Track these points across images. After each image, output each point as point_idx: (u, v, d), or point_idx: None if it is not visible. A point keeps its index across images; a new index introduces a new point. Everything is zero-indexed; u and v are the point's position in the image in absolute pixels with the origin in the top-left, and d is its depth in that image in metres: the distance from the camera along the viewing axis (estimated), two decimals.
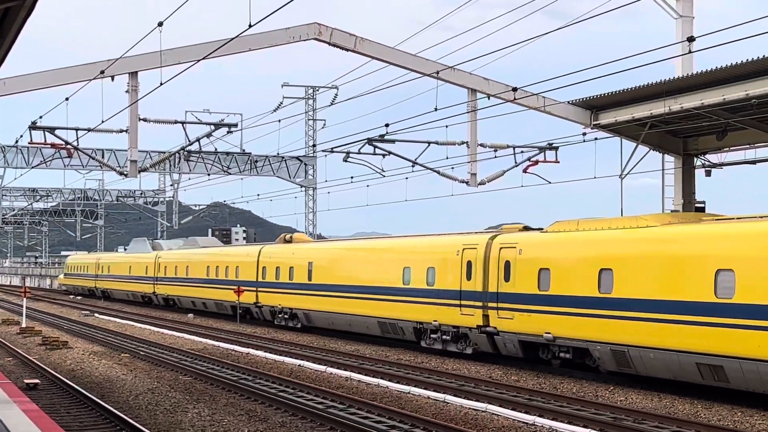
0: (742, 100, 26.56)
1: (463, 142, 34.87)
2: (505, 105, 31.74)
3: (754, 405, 19.57)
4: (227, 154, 55.38)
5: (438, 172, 35.98)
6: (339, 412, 18.47)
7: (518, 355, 26.25)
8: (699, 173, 34.28)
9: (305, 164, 61.99)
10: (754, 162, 33.46)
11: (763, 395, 19.44)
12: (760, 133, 30.62)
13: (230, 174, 56.87)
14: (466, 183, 35.44)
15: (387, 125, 32.94)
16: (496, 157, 35.36)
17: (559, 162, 35.69)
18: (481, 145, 35.10)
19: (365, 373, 25.40)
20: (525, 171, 35.56)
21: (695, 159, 34.04)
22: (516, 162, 35.58)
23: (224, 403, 20.12)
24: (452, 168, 35.73)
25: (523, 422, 17.72)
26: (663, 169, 34.23)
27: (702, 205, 33.93)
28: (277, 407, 19.50)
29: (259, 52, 33.30)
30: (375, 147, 35.10)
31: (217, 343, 34.75)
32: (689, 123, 30.49)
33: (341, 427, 16.85)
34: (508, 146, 35.78)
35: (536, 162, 35.34)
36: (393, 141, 34.75)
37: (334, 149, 36.35)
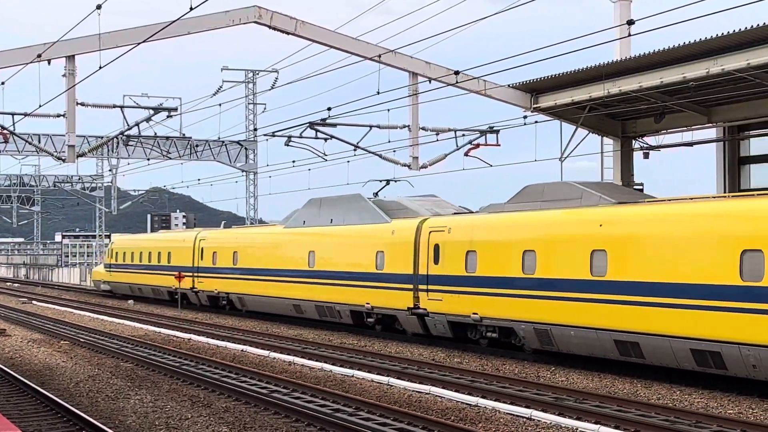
0: (679, 83, 26.90)
1: (404, 126, 34.87)
2: (446, 89, 31.80)
3: (692, 384, 19.90)
4: (167, 138, 54.81)
5: (380, 156, 35.96)
6: (283, 396, 18.44)
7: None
8: (637, 155, 34.69)
9: (246, 149, 61.61)
10: (690, 144, 33.92)
11: (694, 372, 19.78)
12: (697, 116, 31.06)
13: (170, 159, 56.33)
14: (408, 166, 35.46)
15: (329, 109, 32.85)
16: (437, 140, 35.42)
17: (500, 145, 35.83)
18: (423, 128, 35.12)
19: (308, 357, 25.38)
20: (466, 154, 35.66)
21: (633, 141, 34.42)
22: (457, 145, 35.65)
23: (167, 390, 19.98)
24: (394, 152, 35.73)
25: (466, 404, 17.85)
26: (602, 152, 34.58)
27: (640, 187, 34.36)
28: (220, 392, 19.41)
29: (199, 35, 32.97)
30: (316, 131, 34.97)
31: (158, 329, 34.47)
32: (628, 106, 30.82)
33: (285, 412, 16.83)
34: (449, 130, 35.85)
35: (477, 145, 35.46)
36: (335, 125, 34.64)
37: (275, 133, 36.15)
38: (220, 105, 46.16)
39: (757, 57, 24.36)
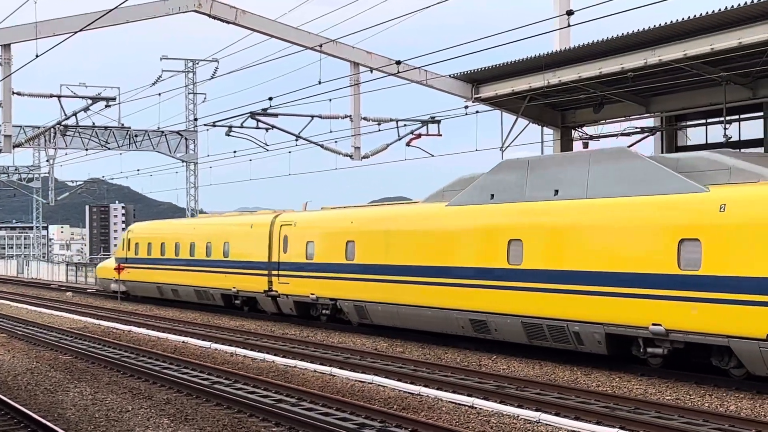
0: (617, 73, 27.19)
1: (346, 116, 34.86)
2: (388, 79, 31.83)
3: (631, 371, 20.16)
4: (105, 128, 54.12)
5: (322, 146, 35.92)
6: (225, 387, 18.35)
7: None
8: (577, 145, 35.02)
9: (186, 139, 61.07)
10: (629, 134, 34.33)
11: (636, 360, 20.04)
12: (635, 106, 31.43)
13: (108, 149, 55.61)
14: (350, 156, 35.47)
15: (270, 99, 32.72)
16: (379, 130, 35.47)
17: (441, 135, 36.01)
18: (365, 118, 35.15)
19: (251, 348, 25.28)
20: (408, 144, 35.78)
21: (573, 131, 34.75)
22: (399, 135, 35.76)
23: (106, 382, 19.78)
24: (336, 142, 35.73)
25: (409, 393, 17.90)
26: (542, 142, 34.87)
27: None
28: (161, 384, 19.25)
29: (139, 24, 32.61)
30: (258, 121, 34.82)
31: (97, 322, 34.10)
32: (567, 96, 31.10)
33: (227, 403, 16.74)
34: (391, 120, 35.92)
35: (419, 135, 35.59)
36: (276, 115, 34.54)
37: (216, 123, 35.94)
38: (159, 95, 45.65)
39: (693, 47, 24.71)
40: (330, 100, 33.04)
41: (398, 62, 28.22)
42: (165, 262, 41.45)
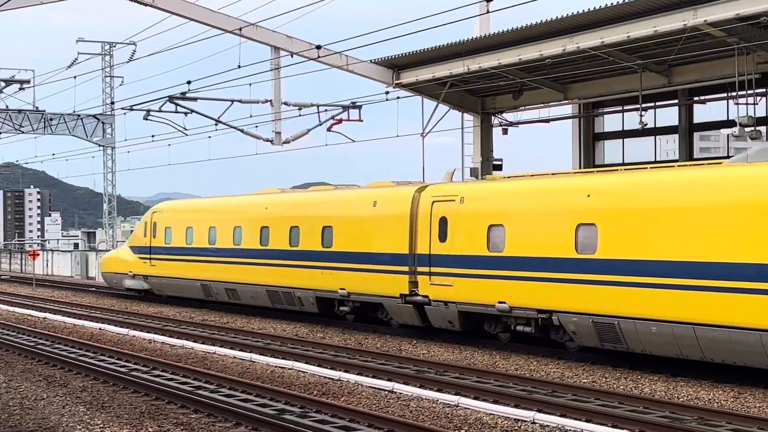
0: (536, 60, 27.44)
1: (266, 101, 34.61)
2: (309, 63, 31.66)
3: (548, 355, 20.41)
4: (19, 111, 53.01)
5: (242, 131, 35.62)
6: (142, 374, 18.12)
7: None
8: (497, 131, 35.31)
9: (103, 123, 60.09)
10: (547, 120, 34.70)
11: (554, 344, 20.30)
12: (554, 93, 31.77)
13: (23, 133, 54.47)
14: (271, 142, 35.24)
15: (189, 82, 32.32)
16: (300, 115, 35.31)
17: (362, 121, 35.97)
18: (285, 103, 34.94)
19: (169, 334, 25.01)
20: (329, 129, 35.68)
21: (493, 117, 35.00)
22: (320, 121, 35.64)
23: (21, 370, 19.40)
24: (256, 127, 35.46)
25: (329, 378, 17.89)
26: (462, 128, 35.06)
27: (499, 162, 35.01)
28: (77, 372, 18.95)
29: (54, 5, 31.93)
30: (176, 105, 34.41)
31: (11, 309, 33.42)
32: (487, 82, 31.29)
33: (145, 390, 16.54)
34: (312, 105, 35.77)
35: (340, 121, 35.51)
36: (195, 99, 34.15)
37: (134, 107, 35.41)
38: (75, 77, 44.76)
39: (610, 35, 25.03)
40: (250, 84, 32.76)
41: (318, 47, 28.09)
42: (217, 253, 31.27)
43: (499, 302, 21.06)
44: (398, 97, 32.50)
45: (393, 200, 24.61)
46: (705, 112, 32.04)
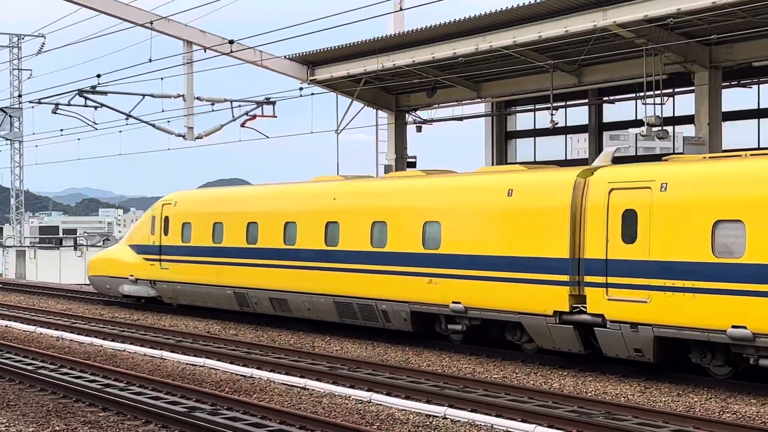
0: (450, 58, 27.66)
1: (179, 95, 34.21)
2: (222, 58, 31.40)
3: (460, 351, 20.57)
4: None
5: (153, 126, 35.14)
6: (50, 372, 17.78)
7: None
8: (411, 129, 35.48)
9: (10, 116, 58.78)
10: (461, 118, 35.00)
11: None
12: (467, 91, 32.04)
13: None
14: (183, 137, 34.85)
15: (99, 76, 31.81)
16: (213, 110, 34.98)
17: (276, 117, 35.76)
18: (198, 98, 34.56)
19: (78, 332, 24.58)
20: (243, 125, 35.42)
21: (407, 115, 35.16)
22: (233, 116, 35.34)
23: None
24: (168, 121, 35.02)
25: (242, 375, 17.78)
26: (377, 125, 35.16)
27: (413, 160, 35.20)
28: None
29: None
30: (86, 99, 33.79)
31: None
32: (401, 80, 31.43)
33: (52, 388, 16.24)
34: (225, 100, 35.45)
35: (254, 116, 35.26)
36: (105, 93, 33.57)
37: (42, 100, 34.70)
38: None
39: (522, 35, 25.35)
40: (162, 78, 32.35)
41: (231, 42, 27.88)
42: (259, 255, 25.50)
43: (735, 326, 15.47)
44: (312, 94, 32.43)
45: (540, 188, 18.96)
46: (614, 111, 32.67)
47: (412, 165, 35.18)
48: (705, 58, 24.82)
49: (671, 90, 27.05)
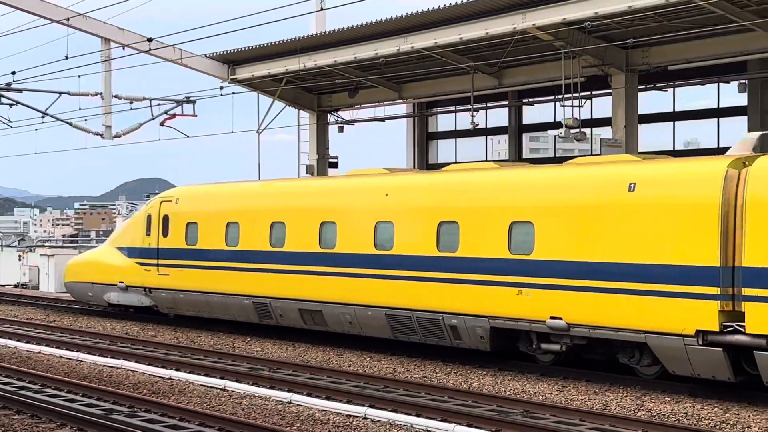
0: (371, 59, 27.70)
1: (96, 93, 33.70)
2: (141, 56, 31.01)
3: (381, 350, 20.61)
4: None
5: (70, 124, 34.57)
6: None
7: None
8: (333, 129, 35.44)
9: None
10: (383, 119, 35.08)
11: (381, 341, 20.50)
12: (389, 91, 32.11)
13: None
14: (101, 135, 34.34)
15: (14, 73, 31.21)
16: (132, 109, 34.54)
17: (196, 116, 35.45)
18: (116, 96, 34.10)
19: None
20: (162, 124, 35.04)
21: (329, 115, 35.13)
22: (153, 115, 34.94)
23: None
24: (86, 120, 34.48)
25: (160, 377, 17.58)
26: (298, 125, 35.07)
27: (335, 160, 35.18)
28: None
29: None
30: (0, 96, 33.12)
31: None
32: (323, 80, 31.38)
33: None
34: (144, 98, 35.02)
35: (173, 115, 34.91)
36: (20, 90, 32.96)
37: None
38: None
39: (443, 36, 25.51)
40: (79, 76, 31.82)
41: (150, 39, 27.56)
42: (288, 260, 22.25)
43: None
44: (233, 93, 32.22)
45: (676, 181, 15.91)
46: (534, 113, 33.04)
47: (334, 165, 35.18)
48: (622, 61, 25.23)
49: (589, 92, 27.44)
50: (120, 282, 27.12)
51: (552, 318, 16.94)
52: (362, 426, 13.46)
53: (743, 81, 26.50)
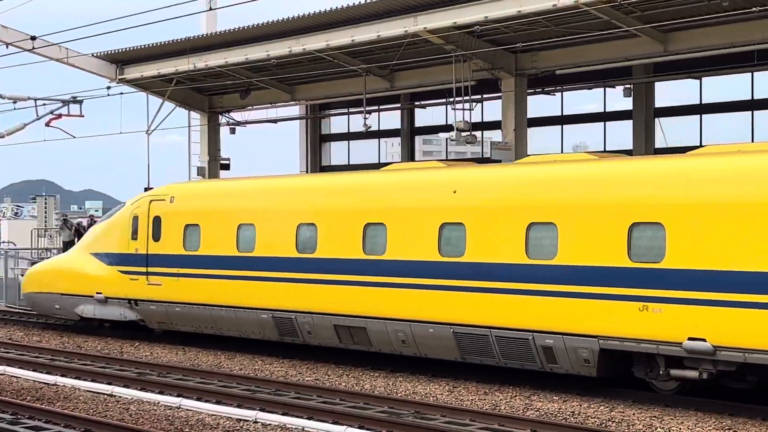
0: (263, 60, 27.55)
1: None
2: (24, 54, 30.23)
3: (273, 354, 20.49)
4: None
5: None
6: None
7: None
8: (224, 131, 35.13)
9: None
10: (275, 121, 34.92)
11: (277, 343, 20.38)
12: (281, 93, 31.97)
13: None
14: None
15: None
16: (15, 109, 33.66)
17: (83, 116, 34.73)
18: (0, 96, 33.20)
19: None
20: (47, 124, 34.24)
21: (220, 116, 34.81)
22: (38, 115, 34.10)
23: None
24: None
25: (45, 383, 17.14)
26: (189, 126, 34.68)
27: (227, 162, 34.87)
28: None
29: None
30: None
31: None
32: (214, 81, 31.07)
33: None
34: (29, 98, 34.17)
35: (60, 116, 34.13)
36: None
37: None
38: None
39: (335, 38, 25.52)
40: None
41: (33, 38, 26.90)
42: (315, 267, 19.02)
43: None
44: (122, 93, 31.68)
45: None
46: (426, 116, 33.32)
47: (226, 167, 34.88)
48: (511, 65, 25.58)
49: (480, 96, 27.76)
50: (97, 293, 23.51)
51: (691, 339, 14.03)
52: (253, 430, 13.35)
53: (628, 86, 27.20)
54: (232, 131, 35.14)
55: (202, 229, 21.43)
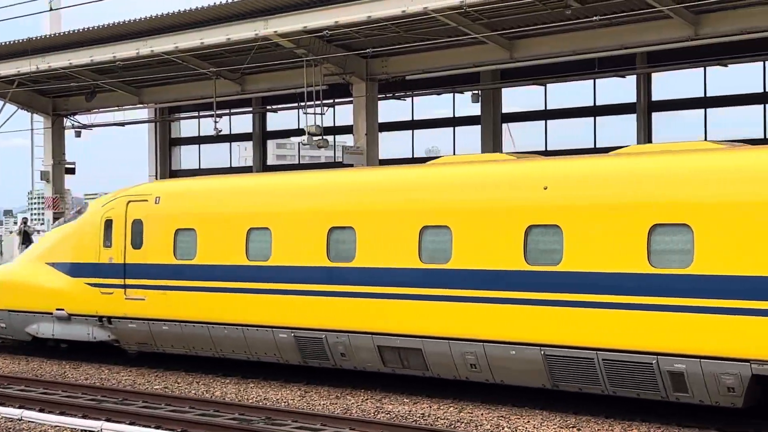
0: (109, 62, 26.97)
1: None
2: None
3: (120, 363, 20.06)
4: None
5: None
6: None
7: None
8: (70, 134, 34.25)
9: None
10: (122, 124, 34.24)
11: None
12: (128, 96, 31.36)
13: None
14: None
15: None
16: None
17: None
18: None
19: None
20: None
21: (65, 119, 33.91)
22: None
23: None
24: None
25: None
26: (32, 129, 33.72)
27: (72, 166, 34.01)
28: None
29: None
30: None
31: None
32: (59, 83, 30.26)
33: None
34: None
35: None
36: None
37: None
38: None
39: (184, 40, 25.19)
40: None
41: None
42: (354, 278, 15.92)
43: None
44: None
45: None
46: (278, 120, 33.22)
47: (71, 171, 34.02)
48: (362, 70, 25.74)
49: (331, 100, 27.83)
50: (58, 309, 20.15)
51: None
52: None
53: (476, 91, 27.74)
54: (78, 135, 34.31)
55: (199, 235, 18.14)
